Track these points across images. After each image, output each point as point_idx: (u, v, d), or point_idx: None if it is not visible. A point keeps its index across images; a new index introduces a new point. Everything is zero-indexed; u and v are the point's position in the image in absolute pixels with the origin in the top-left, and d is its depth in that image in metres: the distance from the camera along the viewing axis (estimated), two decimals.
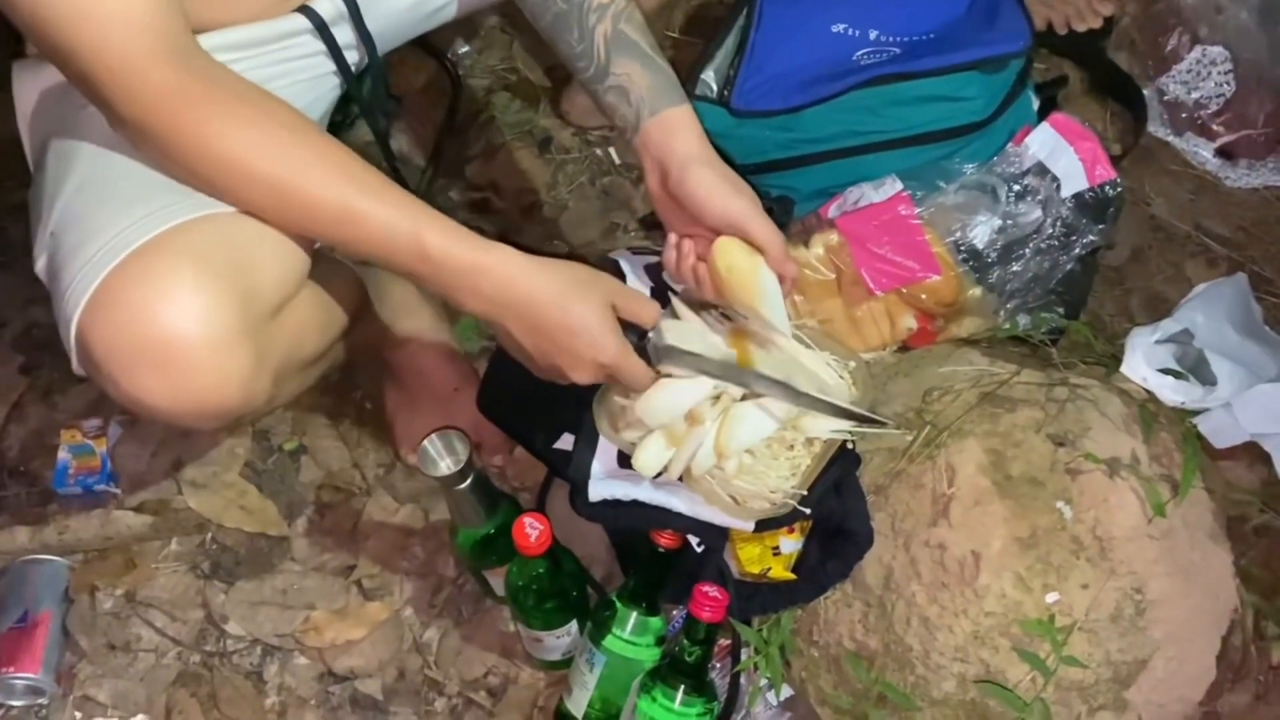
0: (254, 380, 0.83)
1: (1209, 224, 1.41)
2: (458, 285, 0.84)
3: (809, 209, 1.25)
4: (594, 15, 0.94)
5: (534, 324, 0.85)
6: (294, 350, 0.91)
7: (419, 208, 0.83)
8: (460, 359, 1.26)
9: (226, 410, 0.83)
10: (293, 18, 0.96)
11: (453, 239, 0.82)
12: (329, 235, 0.84)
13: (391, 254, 0.82)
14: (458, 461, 0.97)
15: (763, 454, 0.96)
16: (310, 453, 1.27)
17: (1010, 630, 0.92)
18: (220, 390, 0.81)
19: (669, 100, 0.94)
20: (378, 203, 0.82)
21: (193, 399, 0.80)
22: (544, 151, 1.49)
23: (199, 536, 1.21)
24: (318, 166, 0.81)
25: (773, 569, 1.02)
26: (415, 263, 0.82)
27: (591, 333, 0.85)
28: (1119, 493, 0.94)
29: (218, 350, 0.79)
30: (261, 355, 0.83)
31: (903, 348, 1.17)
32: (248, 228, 0.82)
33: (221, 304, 0.79)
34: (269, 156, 0.80)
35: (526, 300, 0.84)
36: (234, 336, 0.80)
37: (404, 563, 1.20)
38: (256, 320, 0.82)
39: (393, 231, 0.81)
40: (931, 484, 0.98)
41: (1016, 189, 1.15)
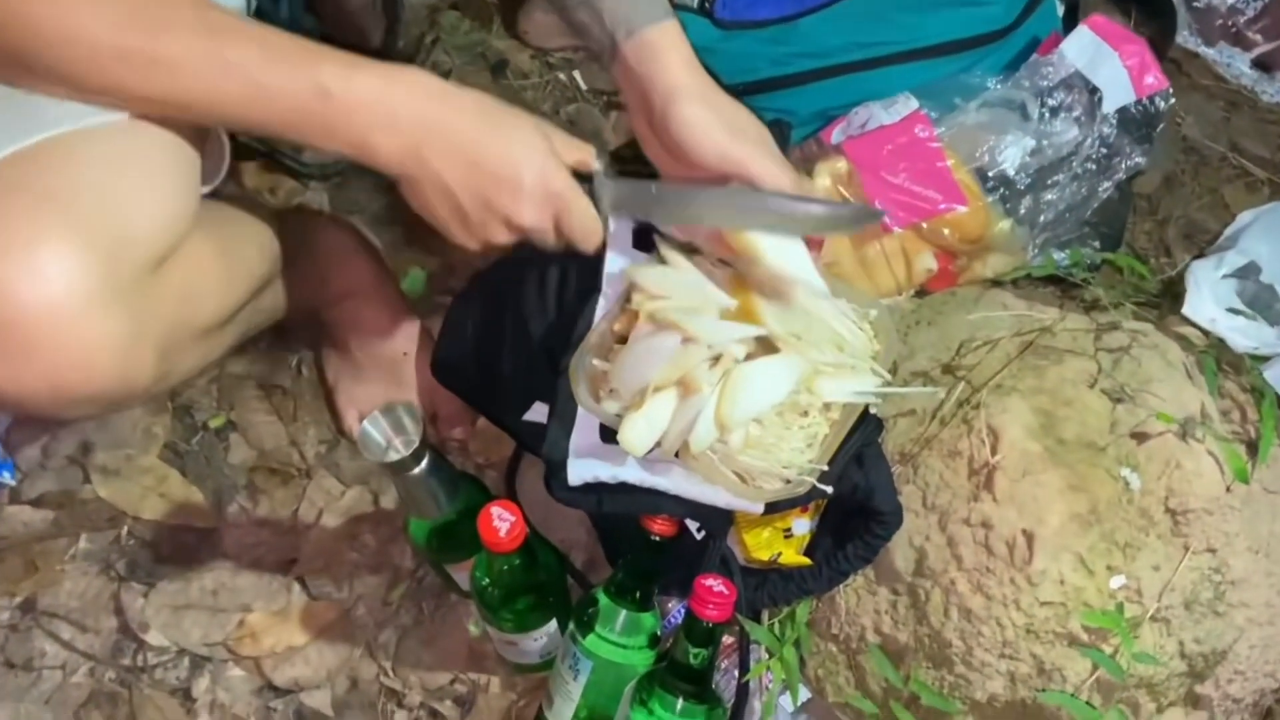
0: (130, 355, 0.67)
1: (1246, 144, 1.27)
2: (368, 122, 0.69)
3: (808, 133, 1.09)
4: None
5: (464, 151, 0.71)
6: (186, 314, 0.74)
7: (306, 43, 0.68)
8: (409, 315, 1.09)
9: (98, 394, 0.66)
10: None
11: (355, 65, 0.69)
12: (206, 101, 0.68)
13: (280, 103, 0.67)
14: (408, 442, 0.81)
15: (773, 423, 0.80)
16: (240, 430, 1.10)
17: (1069, 623, 0.78)
18: (84, 369, 0.65)
19: (649, 15, 0.78)
20: (255, 45, 0.67)
21: (50, 382, 0.64)
22: (499, 77, 1.32)
23: (112, 531, 1.05)
24: (170, 17, 0.66)
25: (784, 554, 0.88)
26: (313, 106, 0.67)
27: (534, 155, 0.72)
28: (1194, 456, 0.80)
29: (76, 318, 0.63)
30: (139, 322, 0.67)
31: (920, 292, 1.02)
32: (110, 152, 0.66)
33: (78, 256, 0.63)
34: (114, 21, 0.64)
35: (455, 122, 0.71)
36: (98, 299, 0.64)
37: (353, 554, 1.04)
38: (129, 277, 0.66)
39: (280, 75, 0.67)
40: (970, 451, 0.83)
41: (1050, 103, 0.99)
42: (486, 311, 0.98)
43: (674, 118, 0.77)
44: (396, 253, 1.18)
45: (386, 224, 1.21)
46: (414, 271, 1.18)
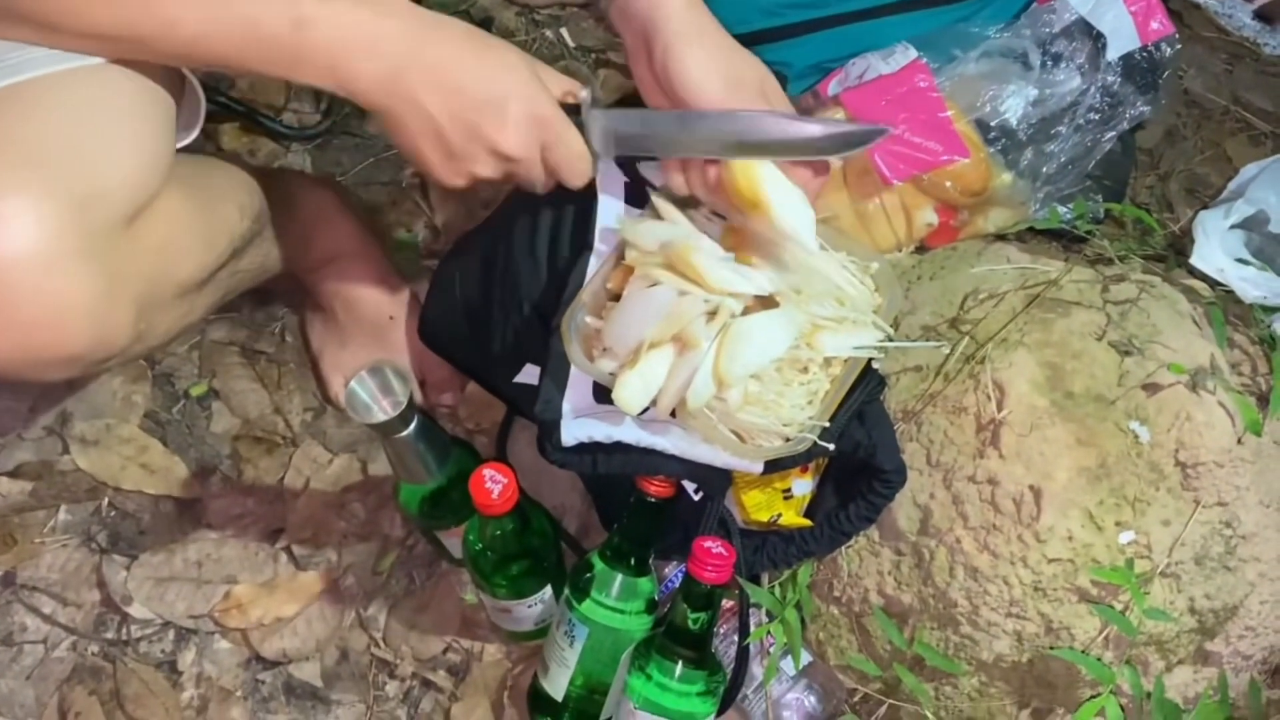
0: (106, 312, 0.64)
1: (1249, 97, 1.24)
2: (348, 50, 0.67)
3: (804, 87, 1.06)
4: None
5: (448, 77, 0.69)
6: (163, 270, 0.72)
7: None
8: (394, 279, 1.06)
9: (72, 354, 0.63)
10: None
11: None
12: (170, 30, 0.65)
13: (255, 33, 0.65)
14: (396, 404, 0.78)
15: (772, 380, 0.78)
16: (223, 397, 1.07)
17: (1077, 580, 0.76)
18: (57, 327, 0.62)
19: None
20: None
21: (19, 340, 0.61)
22: None
23: (92, 503, 1.02)
24: None
25: (784, 515, 0.85)
26: (291, 34, 0.65)
27: (520, 80, 0.71)
28: (1205, 408, 0.77)
29: (47, 272, 0.60)
30: (113, 277, 0.64)
31: (920, 248, 1.00)
32: (78, 101, 0.64)
33: (47, 208, 0.60)
34: None
35: (438, 48, 0.69)
36: (69, 253, 0.61)
37: (341, 523, 1.02)
38: (102, 230, 0.63)
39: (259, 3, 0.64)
40: (975, 406, 0.81)
41: (1052, 52, 0.96)
42: (475, 272, 0.95)
43: (673, 65, 0.74)
44: (381, 214, 1.15)
45: (370, 185, 1.18)
46: (401, 234, 1.15)
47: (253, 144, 1.19)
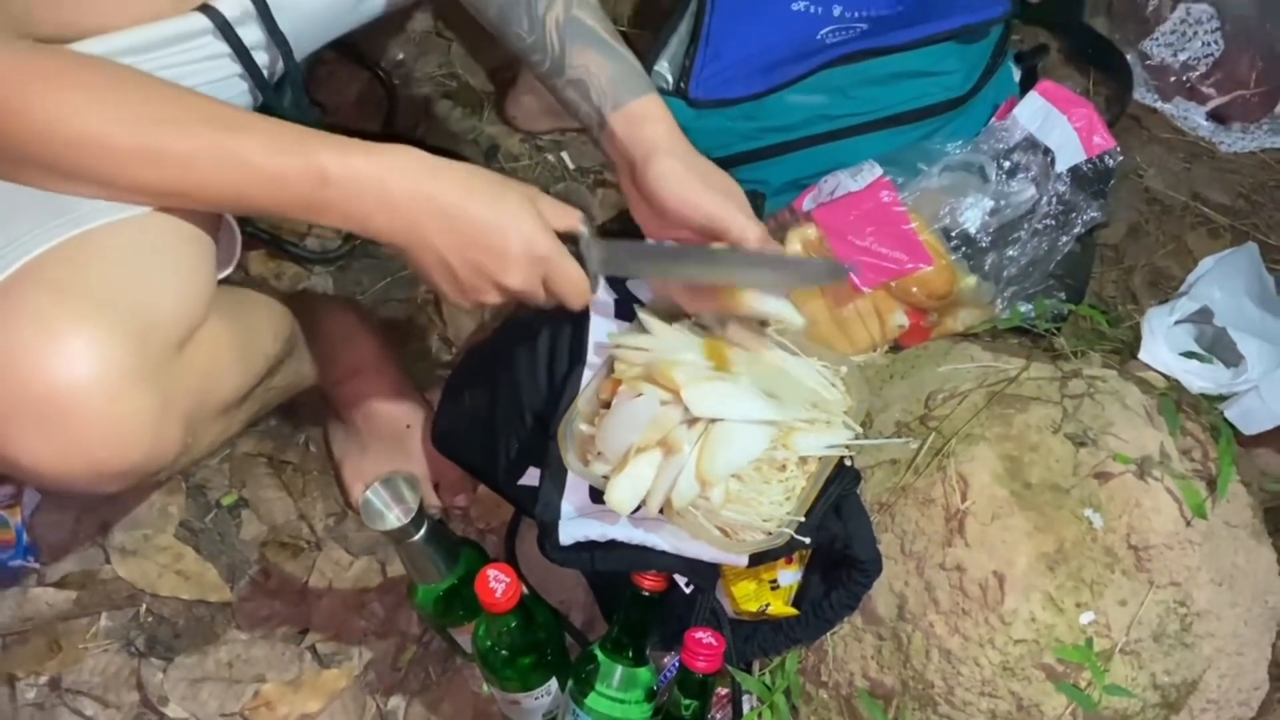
0: (160, 429, 0.72)
1: (1207, 193, 1.32)
2: (365, 202, 0.74)
3: (782, 203, 1.15)
4: (543, 2, 0.85)
5: (455, 223, 0.76)
6: (207, 391, 0.80)
7: (304, 130, 0.74)
8: (410, 391, 1.14)
9: (130, 467, 0.71)
10: (191, 17, 0.84)
11: (350, 150, 0.74)
12: (216, 190, 0.74)
13: (284, 190, 0.73)
14: (407, 511, 0.85)
15: (751, 478, 0.85)
16: (251, 506, 1.15)
17: (1043, 659, 0.82)
18: (119, 444, 0.70)
19: (633, 90, 0.85)
20: (255, 138, 0.73)
21: (86, 458, 0.69)
22: (491, 161, 1.38)
23: (131, 609, 1.09)
24: (179, 116, 0.72)
25: (771, 605, 0.91)
26: (316, 190, 0.73)
27: (520, 223, 0.77)
28: (1153, 495, 0.84)
29: (111, 396, 0.68)
30: (167, 399, 0.72)
31: (895, 347, 1.07)
32: (135, 245, 0.72)
33: (110, 341, 0.68)
34: (121, 119, 0.70)
35: (445, 197, 0.76)
36: (130, 378, 0.69)
37: (362, 623, 1.08)
38: (156, 357, 0.71)
39: (283, 164, 0.73)
40: (943, 498, 0.87)
41: (1007, 165, 1.05)
42: (482, 384, 1.03)
43: (654, 173, 0.82)
44: (398, 330, 1.24)
45: (388, 303, 1.27)
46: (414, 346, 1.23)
47: (279, 268, 1.29)
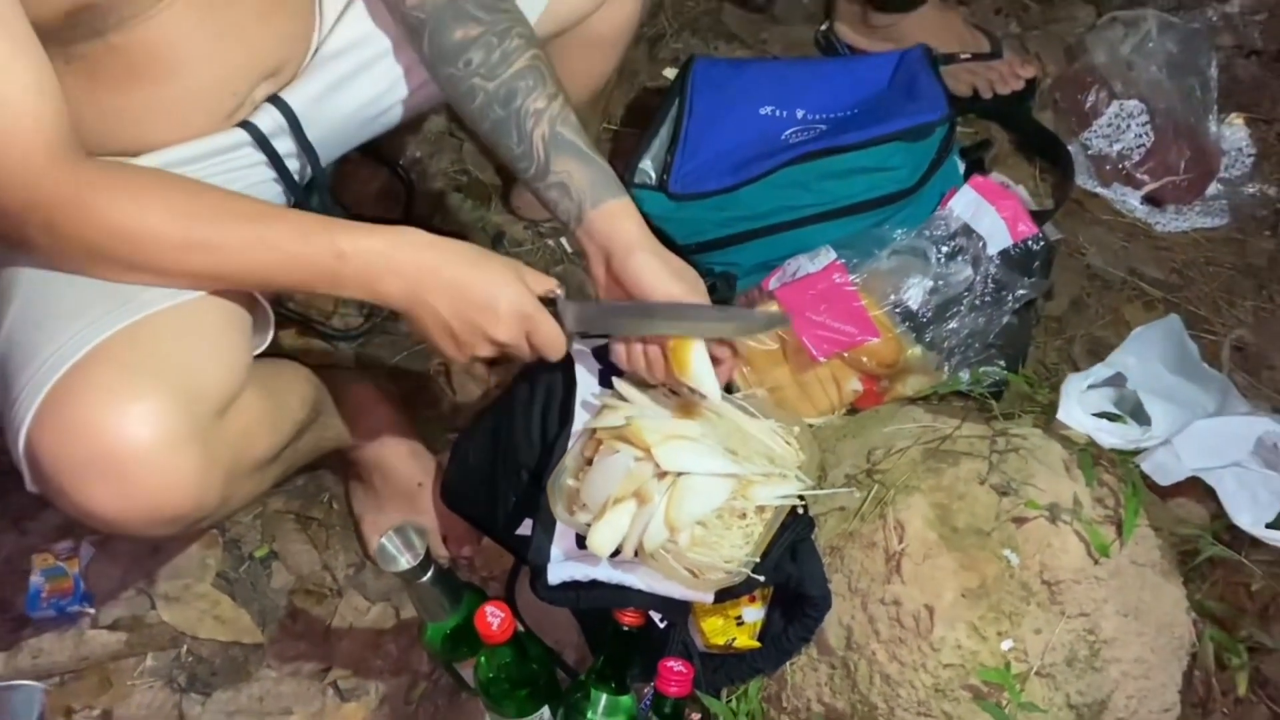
0: (204, 482, 0.85)
1: (1143, 269, 1.45)
2: (378, 273, 0.88)
3: (752, 282, 1.29)
4: (530, 120, 0.98)
5: (454, 287, 0.90)
6: (244, 450, 0.94)
7: (325, 218, 0.89)
8: (422, 453, 1.28)
9: (178, 515, 0.85)
10: (233, 132, 1.01)
11: (363, 231, 0.89)
12: (252, 272, 0.88)
13: (309, 266, 0.88)
14: (416, 556, 0.98)
15: (714, 525, 0.98)
16: (281, 558, 1.28)
17: (969, 680, 0.93)
18: (170, 494, 0.83)
19: (610, 192, 0.98)
20: (284, 225, 0.88)
21: (143, 505, 0.82)
22: (498, 246, 1.53)
23: (174, 650, 1.22)
24: (220, 214, 0.87)
25: (738, 639, 1.03)
26: (334, 264, 0.87)
27: (507, 286, 0.91)
28: (1062, 537, 0.96)
29: (165, 454, 0.82)
30: (210, 456, 0.85)
31: (851, 410, 1.20)
32: (184, 328, 0.86)
33: (165, 407, 0.82)
34: (173, 219, 0.85)
35: (445, 266, 0.90)
36: (180, 439, 0.82)
37: (378, 661, 1.21)
38: (202, 421, 0.85)
39: (305, 244, 0.87)
40: (883, 541, 1.00)
41: (946, 250, 1.19)
42: (484, 447, 1.17)
43: (632, 264, 0.96)
44: (412, 397, 1.38)
45: (404, 374, 1.42)
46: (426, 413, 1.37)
47: (308, 344, 1.44)
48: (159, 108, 0.94)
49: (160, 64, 0.92)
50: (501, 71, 0.98)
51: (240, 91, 0.99)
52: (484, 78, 0.98)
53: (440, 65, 1.00)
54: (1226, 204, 1.50)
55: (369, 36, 1.07)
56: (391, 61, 1.08)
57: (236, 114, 1.00)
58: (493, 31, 0.98)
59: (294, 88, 1.03)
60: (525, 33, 1.00)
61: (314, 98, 1.04)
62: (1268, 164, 1.55)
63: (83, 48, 0.85)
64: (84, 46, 0.85)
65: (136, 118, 0.92)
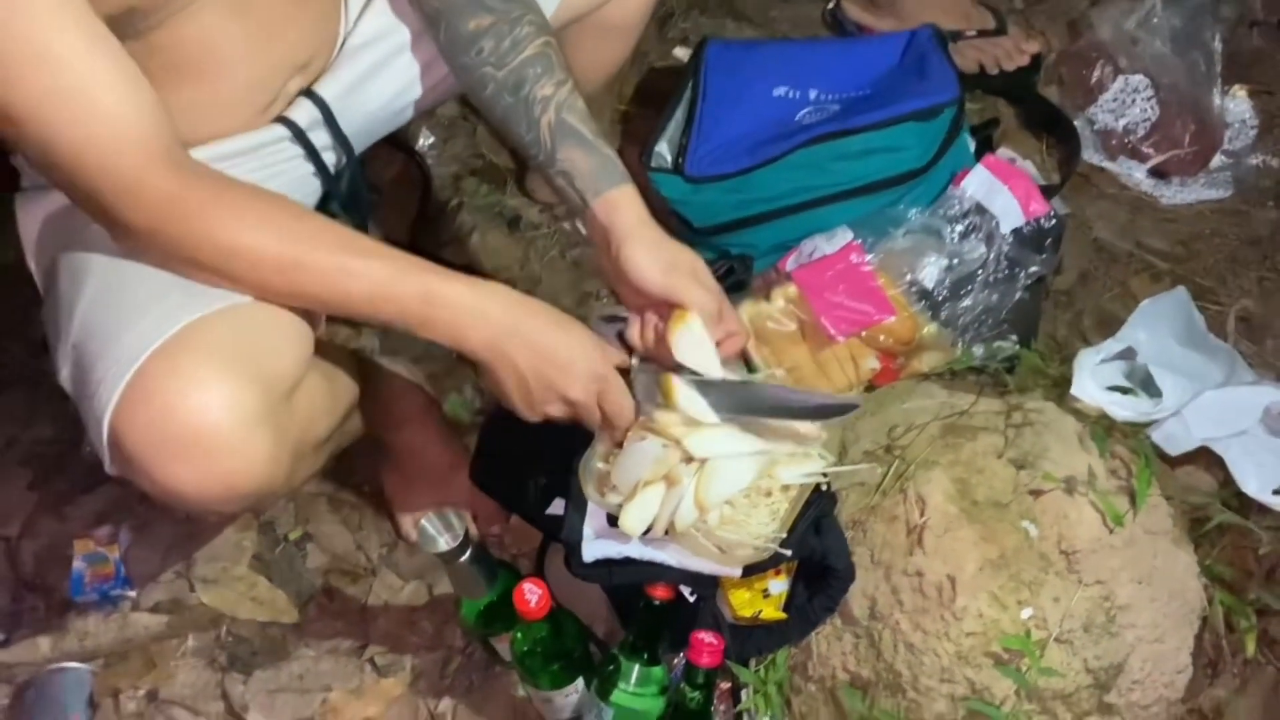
0: (276, 460, 0.89)
1: (1149, 241, 1.48)
2: (463, 321, 0.90)
3: (769, 263, 1.32)
4: (538, 106, 1.00)
5: (536, 344, 0.92)
6: (308, 429, 0.97)
7: (414, 259, 0.91)
8: (453, 438, 1.31)
9: (252, 491, 0.89)
10: (273, 127, 1.03)
11: (453, 279, 0.90)
12: (339, 298, 0.90)
13: (397, 303, 0.89)
14: (455, 537, 1.02)
15: (742, 504, 1.01)
16: (315, 539, 1.32)
17: (990, 648, 0.97)
18: (247, 472, 0.87)
19: (610, 182, 0.99)
20: (377, 260, 0.89)
21: (222, 482, 0.86)
22: (514, 230, 1.56)
23: (214, 631, 1.26)
24: (316, 239, 0.89)
25: (764, 611, 1.07)
26: (421, 307, 0.89)
27: (586, 349, 0.93)
28: (1078, 508, 0.99)
29: (243, 434, 0.85)
30: (280, 436, 0.89)
31: (869, 387, 1.23)
32: (258, 317, 0.89)
33: (243, 391, 0.85)
34: (272, 239, 0.87)
35: (529, 323, 0.92)
36: (256, 420, 0.86)
37: (413, 638, 1.24)
38: (275, 403, 0.88)
39: (396, 281, 0.89)
40: (905, 515, 1.03)
41: (960, 229, 1.22)
42: (512, 429, 1.19)
43: (623, 254, 0.97)
44: (439, 381, 1.41)
45: (430, 359, 1.44)
46: (454, 397, 1.40)
47: (332, 331, 1.45)
48: (200, 105, 0.96)
49: (199, 61, 0.94)
50: (511, 59, 1.00)
51: (275, 86, 1.01)
52: (494, 66, 1.00)
53: (454, 54, 1.02)
54: (1230, 176, 1.52)
55: (393, 28, 1.09)
56: (417, 51, 1.10)
57: (272, 108, 1.02)
58: (505, 20, 1.00)
59: (325, 81, 1.05)
60: (537, 20, 1.02)
61: (345, 90, 1.06)
62: (1270, 136, 1.57)
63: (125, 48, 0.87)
64: (126, 46, 0.87)
65: (178, 114, 0.93)
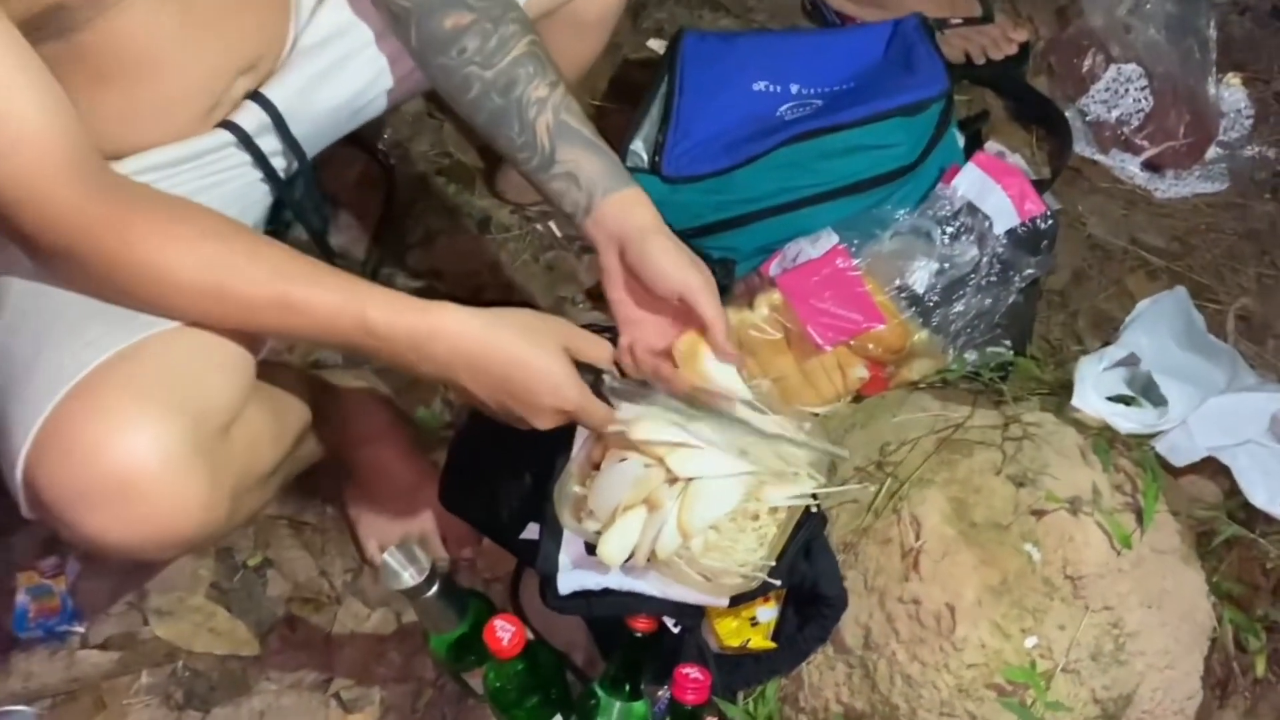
0: (211, 503, 0.82)
1: (1144, 237, 1.43)
2: (407, 354, 0.84)
3: (751, 267, 1.26)
4: (534, 108, 0.95)
5: (490, 380, 0.86)
6: (249, 465, 0.90)
7: (357, 284, 0.84)
8: (419, 455, 1.24)
9: (186, 538, 0.81)
10: (216, 133, 0.96)
11: (396, 309, 0.83)
12: (273, 329, 0.84)
13: (337, 335, 0.84)
14: (420, 570, 0.95)
15: (727, 528, 0.95)
16: (276, 565, 1.25)
17: (993, 680, 0.92)
18: (179, 518, 0.80)
19: (621, 181, 0.95)
20: (315, 288, 0.83)
21: (151, 531, 0.79)
22: (484, 232, 1.49)
23: (169, 666, 1.18)
24: (249, 265, 0.82)
25: (752, 640, 1.01)
26: (362, 339, 0.83)
27: (551, 381, 0.87)
28: (1084, 529, 0.94)
29: (172, 478, 0.78)
30: (216, 475, 0.82)
31: (857, 397, 1.17)
32: (187, 347, 0.82)
33: (171, 430, 0.78)
34: (199, 265, 0.81)
35: (481, 357, 0.85)
36: (187, 461, 0.79)
37: (381, 669, 1.18)
38: (208, 441, 0.81)
39: (335, 313, 0.83)
40: (899, 538, 0.97)
41: (950, 230, 1.16)
42: (483, 446, 1.14)
43: (650, 248, 0.93)
44: (405, 395, 1.34)
45: (391, 373, 1.37)
46: (421, 411, 1.34)
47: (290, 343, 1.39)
48: (133, 109, 0.89)
49: (133, 62, 0.87)
50: (499, 59, 0.95)
51: (217, 88, 0.94)
52: (480, 66, 0.95)
53: (431, 55, 0.96)
54: (1226, 168, 1.47)
55: (350, 26, 1.02)
56: (375, 51, 1.04)
57: (216, 112, 0.95)
58: (487, 18, 0.94)
59: (274, 83, 0.99)
60: (520, 17, 0.96)
61: (296, 92, 1.00)
62: (1266, 125, 1.53)
63: (49, 49, 0.80)
64: (50, 48, 0.80)
65: (110, 121, 0.87)
